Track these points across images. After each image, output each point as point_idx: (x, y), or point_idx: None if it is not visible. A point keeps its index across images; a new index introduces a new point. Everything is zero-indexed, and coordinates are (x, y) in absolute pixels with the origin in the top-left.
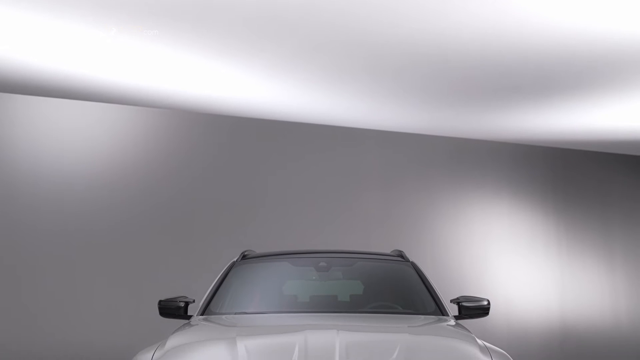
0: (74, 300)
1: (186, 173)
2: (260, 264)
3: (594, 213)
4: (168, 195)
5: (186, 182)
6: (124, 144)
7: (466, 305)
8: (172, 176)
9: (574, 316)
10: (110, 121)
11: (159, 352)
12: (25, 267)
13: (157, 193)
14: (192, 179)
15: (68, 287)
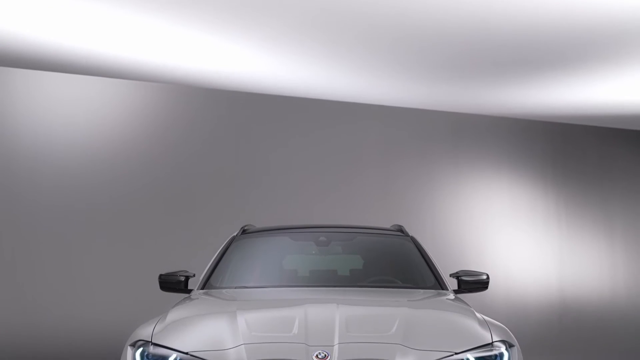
0: (74, 275)
1: (185, 148)
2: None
3: (593, 188)
4: (167, 170)
5: (185, 157)
6: (124, 119)
7: (465, 279)
8: (171, 151)
9: (572, 290)
10: (109, 96)
11: (159, 325)
12: (25, 243)
13: (157, 168)
14: (191, 153)
15: (68, 262)
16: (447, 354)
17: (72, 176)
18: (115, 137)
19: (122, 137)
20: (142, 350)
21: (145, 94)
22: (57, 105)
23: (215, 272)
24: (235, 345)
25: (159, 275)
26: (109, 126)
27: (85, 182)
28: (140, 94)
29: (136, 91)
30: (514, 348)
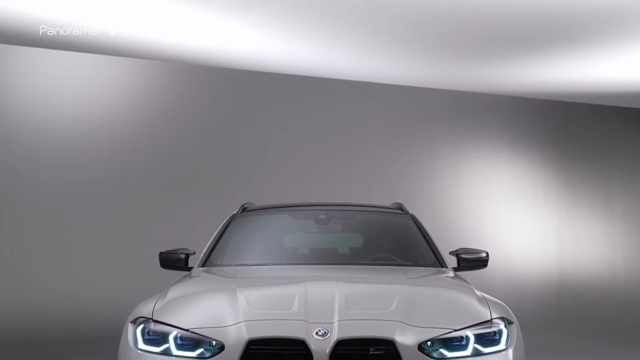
0: (74, 253)
1: (185, 126)
2: (260, 217)
3: (594, 166)
4: (167, 148)
5: (185, 135)
6: (123, 97)
7: (465, 257)
8: (171, 129)
9: (571, 269)
10: (109, 73)
11: (160, 303)
12: (24, 221)
13: (157, 146)
14: (192, 132)
15: (68, 241)
16: (446, 330)
17: (71, 154)
18: (114, 115)
19: (122, 115)
20: (143, 327)
21: (145, 71)
22: (56, 83)
23: (215, 250)
24: (236, 322)
25: (159, 253)
26: (108, 104)
27: (84, 160)
28: (140, 72)
29: (136, 69)
30: (513, 325)
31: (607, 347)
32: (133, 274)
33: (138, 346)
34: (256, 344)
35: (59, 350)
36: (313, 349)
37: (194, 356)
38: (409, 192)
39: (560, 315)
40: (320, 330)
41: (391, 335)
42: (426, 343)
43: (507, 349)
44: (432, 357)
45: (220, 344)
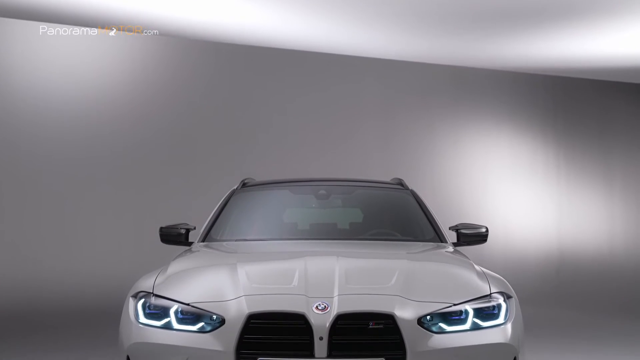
0: (74, 228)
1: (185, 102)
2: (260, 192)
3: (594, 142)
4: (167, 123)
5: (185, 111)
6: (123, 72)
7: (464, 232)
8: (170, 105)
9: (570, 244)
10: (109, 48)
11: (160, 277)
12: (24, 195)
13: (157, 121)
14: (191, 108)
15: (68, 216)
16: (445, 305)
17: (71, 129)
18: (114, 90)
19: (121, 90)
20: (144, 302)
21: (144, 47)
22: (56, 57)
23: (215, 225)
24: (236, 297)
25: (160, 228)
26: (108, 78)
27: (84, 136)
28: (140, 47)
29: (135, 44)
30: (512, 299)
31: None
32: (133, 249)
33: (139, 320)
34: (256, 318)
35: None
36: (313, 323)
37: (194, 330)
38: (409, 167)
39: (559, 290)
40: (320, 304)
41: (391, 309)
42: (425, 317)
43: (506, 323)
44: (431, 331)
45: (221, 318)
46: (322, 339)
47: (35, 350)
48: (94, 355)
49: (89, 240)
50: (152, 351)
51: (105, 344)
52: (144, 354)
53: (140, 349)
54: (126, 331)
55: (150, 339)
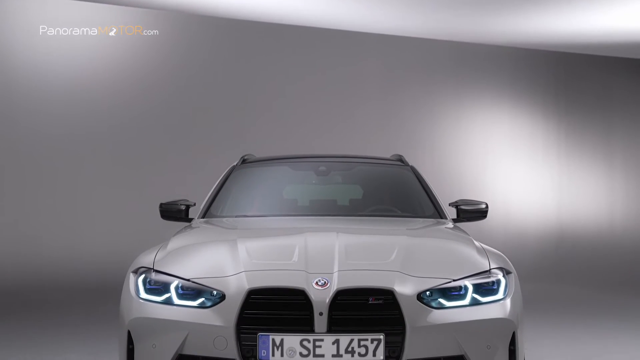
0: (74, 204)
1: (184, 78)
2: (260, 168)
3: (594, 117)
4: (167, 99)
5: (185, 87)
6: (123, 46)
7: (464, 208)
8: (170, 80)
9: (570, 220)
10: (109, 22)
11: (161, 253)
12: (23, 173)
13: (156, 97)
14: (191, 83)
15: (68, 193)
16: (445, 280)
17: (70, 105)
18: (115, 64)
19: (120, 65)
20: (145, 277)
21: (144, 21)
22: (55, 32)
23: (215, 201)
24: (236, 273)
25: (160, 204)
26: (108, 53)
27: (83, 111)
28: (139, 22)
29: (135, 18)
30: (511, 275)
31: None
32: (133, 225)
33: (140, 295)
34: (256, 293)
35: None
36: (313, 299)
37: (195, 305)
38: (409, 144)
39: (559, 266)
40: (320, 280)
41: (390, 285)
42: (425, 293)
43: (505, 298)
44: (430, 307)
45: (221, 294)
46: (322, 315)
47: (35, 326)
48: (94, 330)
49: (88, 216)
50: (153, 326)
51: (105, 319)
52: (145, 329)
53: (141, 324)
54: (127, 306)
55: (150, 314)
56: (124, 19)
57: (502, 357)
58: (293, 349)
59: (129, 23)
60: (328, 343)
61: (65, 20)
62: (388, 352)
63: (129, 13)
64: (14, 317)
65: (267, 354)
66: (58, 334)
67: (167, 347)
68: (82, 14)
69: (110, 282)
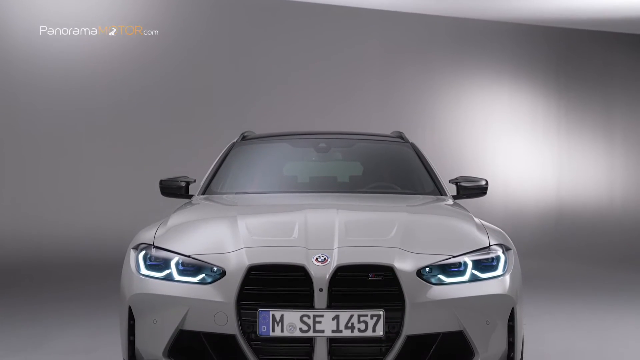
0: (74, 181)
1: (184, 54)
2: (260, 145)
3: (595, 94)
4: (167, 75)
5: (184, 63)
6: (123, 22)
7: (464, 185)
8: (170, 57)
9: (570, 197)
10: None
11: (161, 229)
12: (23, 149)
13: (156, 73)
14: (191, 60)
15: (68, 170)
16: (444, 257)
17: (69, 80)
18: (113, 41)
19: (120, 41)
20: (145, 253)
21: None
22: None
23: (215, 178)
24: (236, 249)
25: (160, 180)
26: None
27: (83, 87)
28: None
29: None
30: (511, 251)
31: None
32: (133, 202)
33: (140, 272)
34: (257, 270)
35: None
36: (313, 275)
37: (195, 281)
38: (409, 120)
39: (558, 242)
40: (320, 256)
41: (390, 261)
42: (425, 269)
43: (504, 274)
44: (430, 283)
45: (222, 270)
46: (321, 291)
47: (36, 302)
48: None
49: (89, 193)
50: (153, 302)
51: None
52: (145, 305)
53: (141, 300)
54: (127, 282)
55: (151, 290)
56: (124, 19)
57: (501, 332)
58: (293, 324)
59: (129, 23)
60: (328, 319)
61: (65, 20)
62: (387, 327)
63: (129, 13)
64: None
65: (267, 329)
66: (60, 309)
67: (167, 323)
68: (82, 14)
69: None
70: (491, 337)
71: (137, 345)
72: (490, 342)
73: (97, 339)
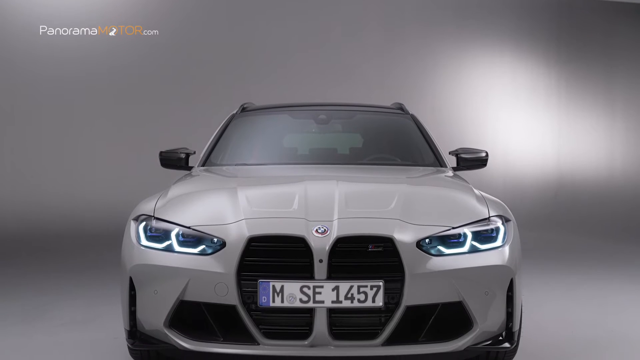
0: (75, 153)
1: (184, 25)
2: (259, 116)
3: (597, 65)
4: (167, 47)
5: (184, 34)
6: (124, 22)
7: (464, 156)
8: (169, 28)
9: (569, 168)
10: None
11: (161, 201)
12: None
13: (156, 45)
14: (190, 31)
15: (68, 139)
16: (444, 228)
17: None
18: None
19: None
20: (145, 225)
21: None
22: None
23: (215, 150)
24: (236, 220)
25: (160, 152)
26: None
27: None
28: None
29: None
30: (510, 223)
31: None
32: (133, 173)
33: (141, 243)
34: (257, 241)
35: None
36: (313, 246)
37: (195, 252)
38: (410, 92)
39: (557, 214)
40: (320, 227)
41: (390, 232)
42: (424, 240)
43: (504, 245)
44: (430, 254)
45: (222, 241)
46: (321, 262)
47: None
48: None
49: (89, 165)
50: (154, 273)
51: (105, 266)
52: (146, 276)
53: (142, 271)
54: (128, 253)
55: (152, 261)
56: (124, 19)
57: (500, 303)
58: (293, 295)
59: (129, 23)
60: (328, 289)
61: (65, 20)
62: (387, 298)
63: (129, 13)
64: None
65: (267, 300)
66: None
67: (168, 293)
68: (82, 14)
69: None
70: (490, 307)
71: (139, 316)
72: (489, 312)
73: (96, 309)
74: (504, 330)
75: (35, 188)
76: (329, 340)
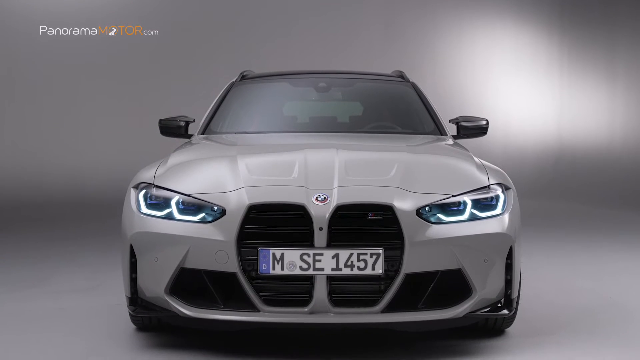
0: (74, 122)
1: None
2: (259, 84)
3: (599, 33)
4: (165, 14)
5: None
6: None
7: (465, 125)
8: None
9: (570, 136)
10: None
11: (161, 169)
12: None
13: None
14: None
15: (68, 109)
16: (444, 196)
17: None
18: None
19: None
20: (145, 192)
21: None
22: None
23: (215, 118)
24: (236, 188)
25: (159, 120)
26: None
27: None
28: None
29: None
30: (510, 191)
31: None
32: (133, 141)
33: (141, 210)
34: (257, 209)
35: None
36: (313, 214)
37: (195, 220)
38: (410, 60)
39: (557, 182)
40: (319, 195)
41: (390, 200)
42: (424, 208)
43: (503, 213)
44: (429, 222)
45: (222, 209)
46: (321, 230)
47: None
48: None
49: (89, 133)
50: (154, 240)
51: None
52: (146, 243)
53: (142, 239)
54: (128, 221)
55: (152, 228)
56: (124, 19)
57: (499, 270)
58: (293, 262)
59: (129, 23)
60: (328, 257)
61: (65, 20)
62: (387, 266)
63: (129, 13)
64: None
65: (267, 267)
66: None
67: (169, 261)
68: (82, 14)
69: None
70: (489, 274)
71: (139, 283)
72: (488, 279)
73: (97, 276)
74: (502, 297)
75: (34, 156)
76: (328, 308)
